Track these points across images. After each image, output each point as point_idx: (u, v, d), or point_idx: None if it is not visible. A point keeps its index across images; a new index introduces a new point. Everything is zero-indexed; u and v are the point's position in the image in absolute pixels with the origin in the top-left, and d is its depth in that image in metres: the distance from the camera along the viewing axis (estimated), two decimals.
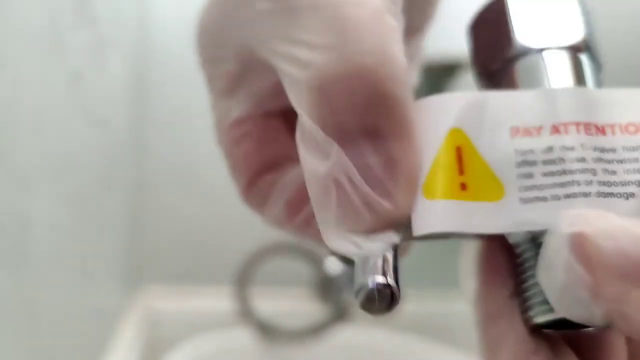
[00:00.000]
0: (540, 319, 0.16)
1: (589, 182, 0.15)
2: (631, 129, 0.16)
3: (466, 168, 0.16)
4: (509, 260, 0.17)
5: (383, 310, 0.15)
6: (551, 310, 0.15)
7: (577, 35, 0.18)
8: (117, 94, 0.65)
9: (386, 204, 0.15)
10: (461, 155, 0.16)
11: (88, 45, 0.48)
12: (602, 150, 0.16)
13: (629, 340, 0.17)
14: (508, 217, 0.15)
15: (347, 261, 0.17)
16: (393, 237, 0.15)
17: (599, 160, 0.15)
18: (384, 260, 0.15)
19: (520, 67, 0.18)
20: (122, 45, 0.67)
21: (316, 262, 0.91)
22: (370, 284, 0.15)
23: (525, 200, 0.15)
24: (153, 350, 0.86)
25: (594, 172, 0.15)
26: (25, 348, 0.34)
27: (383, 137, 0.15)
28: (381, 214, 0.15)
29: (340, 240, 0.15)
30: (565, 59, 0.17)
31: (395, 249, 0.16)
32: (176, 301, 0.91)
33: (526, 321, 0.16)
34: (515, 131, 0.16)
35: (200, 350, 0.79)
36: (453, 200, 0.16)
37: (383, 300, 0.15)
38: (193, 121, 0.93)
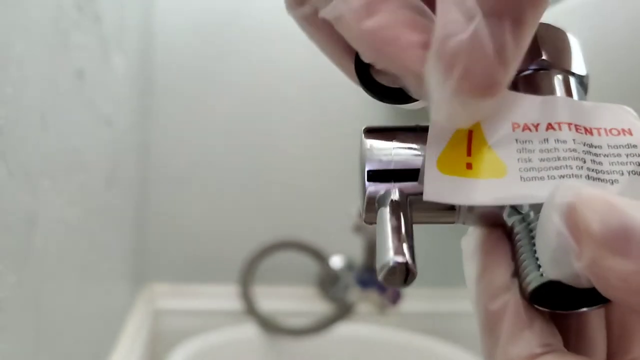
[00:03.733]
0: (534, 284, 0.17)
1: (580, 167, 0.18)
2: (614, 132, 0.19)
3: (474, 150, 0.18)
4: (508, 246, 0.19)
5: (401, 284, 0.18)
6: (542, 276, 0.17)
7: (583, 68, 0.22)
8: (121, 92, 0.65)
9: (501, 75, 0.17)
10: (471, 139, 0.18)
11: (92, 43, 0.48)
12: (591, 145, 0.19)
13: (609, 323, 0.19)
14: (509, 192, 0.18)
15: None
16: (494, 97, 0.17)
17: (588, 152, 0.18)
18: (401, 239, 0.18)
19: (538, 77, 0.21)
20: (127, 44, 0.67)
21: (320, 259, 0.91)
22: (391, 262, 0.17)
23: (525, 179, 0.18)
24: (157, 348, 0.86)
25: (583, 160, 0.18)
26: (31, 345, 0.34)
27: (522, 24, 0.17)
28: (496, 80, 0.17)
29: (454, 99, 0.17)
30: (569, 80, 0.21)
31: (411, 228, 0.18)
32: (180, 299, 0.91)
33: (523, 293, 0.18)
34: (515, 126, 0.19)
35: (206, 346, 0.79)
36: (459, 177, 0.18)
37: (401, 275, 0.17)
38: (197, 120, 0.93)
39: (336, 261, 0.91)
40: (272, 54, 0.94)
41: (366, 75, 0.20)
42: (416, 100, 0.19)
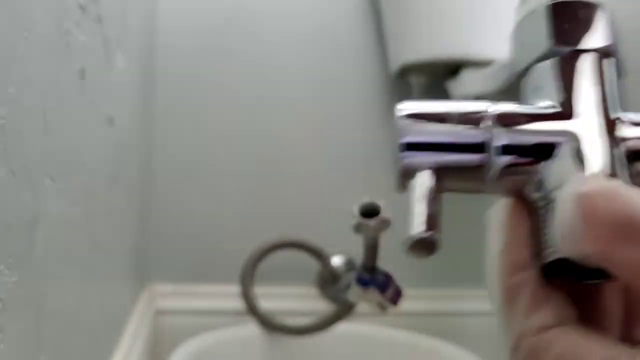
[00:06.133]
0: (547, 259, 0.19)
1: None
2: None
3: None
4: (530, 224, 0.20)
5: (426, 255, 0.19)
6: (556, 252, 0.18)
7: (603, 40, 0.20)
8: (124, 92, 0.65)
9: None
10: None
11: (95, 43, 0.48)
12: None
13: (628, 290, 0.20)
14: None
15: None
16: None
17: None
18: (429, 212, 0.19)
19: (546, 65, 0.21)
20: (129, 44, 0.67)
21: (321, 259, 0.91)
22: (417, 236, 0.19)
23: None
24: (158, 347, 0.86)
25: None
26: (31, 345, 0.34)
27: None
28: None
29: None
30: (589, 61, 0.20)
31: (438, 202, 0.20)
32: (181, 299, 0.91)
33: (539, 267, 0.19)
34: None
35: (206, 346, 0.79)
36: None
37: (425, 247, 0.19)
38: (199, 120, 0.93)
39: (336, 261, 0.91)
40: (273, 55, 0.94)
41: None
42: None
